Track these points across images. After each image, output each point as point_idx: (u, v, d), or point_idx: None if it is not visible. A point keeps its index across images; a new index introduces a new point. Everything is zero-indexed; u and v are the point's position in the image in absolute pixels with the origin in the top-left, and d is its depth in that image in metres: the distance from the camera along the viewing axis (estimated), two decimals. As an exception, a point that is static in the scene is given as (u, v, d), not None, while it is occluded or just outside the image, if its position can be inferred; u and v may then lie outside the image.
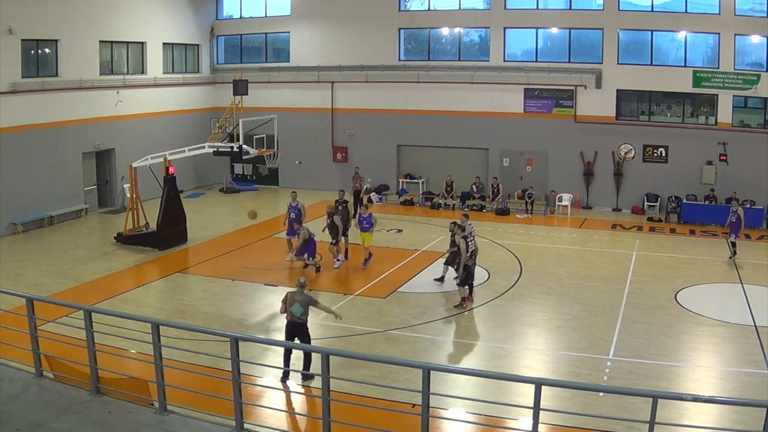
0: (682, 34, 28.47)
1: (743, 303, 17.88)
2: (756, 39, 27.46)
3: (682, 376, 13.91)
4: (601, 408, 11.93)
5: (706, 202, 27.55)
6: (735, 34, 27.31)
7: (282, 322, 15.90)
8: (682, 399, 10.64)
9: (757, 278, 19.95)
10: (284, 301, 13.28)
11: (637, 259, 22.18)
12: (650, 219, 28.15)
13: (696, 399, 10.02)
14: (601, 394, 12.37)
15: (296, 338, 13.07)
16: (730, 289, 19.30)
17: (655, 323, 16.43)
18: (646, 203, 29.17)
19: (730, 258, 21.85)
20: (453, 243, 18.07)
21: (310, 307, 13.18)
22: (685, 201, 27.95)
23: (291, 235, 21.34)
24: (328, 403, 8.31)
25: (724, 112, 28.10)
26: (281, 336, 14.44)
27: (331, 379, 8.36)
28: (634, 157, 29.41)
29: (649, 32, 28.76)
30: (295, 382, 13.22)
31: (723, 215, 23.59)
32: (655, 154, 29.20)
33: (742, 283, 19.58)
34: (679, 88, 28.49)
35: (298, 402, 12.49)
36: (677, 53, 28.82)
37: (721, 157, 28.03)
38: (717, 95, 28.09)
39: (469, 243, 17.81)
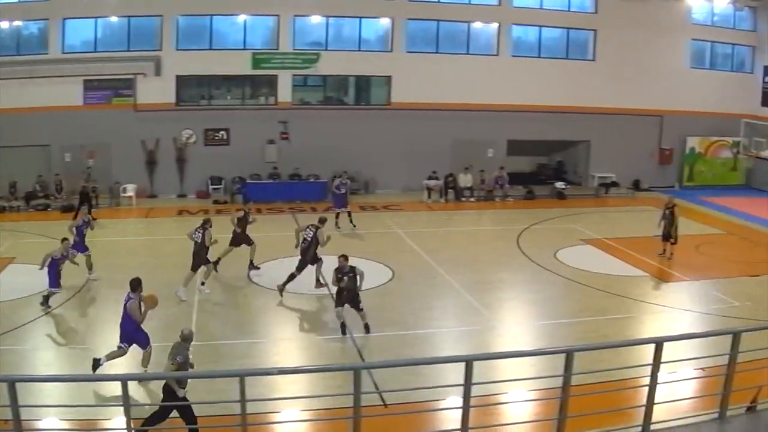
0: (242, 18, 28.92)
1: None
2: (317, 19, 29.14)
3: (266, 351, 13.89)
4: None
5: (270, 180, 28.49)
6: (295, 16, 28.68)
7: None
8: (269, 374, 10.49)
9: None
10: None
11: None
12: (216, 202, 28.21)
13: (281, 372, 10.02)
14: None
15: None
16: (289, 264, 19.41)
17: (228, 304, 16.13)
18: (210, 186, 29.19)
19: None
20: None
21: None
22: (248, 181, 28.59)
23: None
24: None
25: (284, 91, 29.39)
26: None
27: None
28: (195, 141, 29.19)
29: (208, 17, 28.66)
30: None
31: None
32: (217, 138, 29.36)
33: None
34: (239, 70, 29.02)
35: None
36: (237, 36, 29.19)
37: (282, 136, 29.27)
38: (277, 75, 29.19)
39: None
